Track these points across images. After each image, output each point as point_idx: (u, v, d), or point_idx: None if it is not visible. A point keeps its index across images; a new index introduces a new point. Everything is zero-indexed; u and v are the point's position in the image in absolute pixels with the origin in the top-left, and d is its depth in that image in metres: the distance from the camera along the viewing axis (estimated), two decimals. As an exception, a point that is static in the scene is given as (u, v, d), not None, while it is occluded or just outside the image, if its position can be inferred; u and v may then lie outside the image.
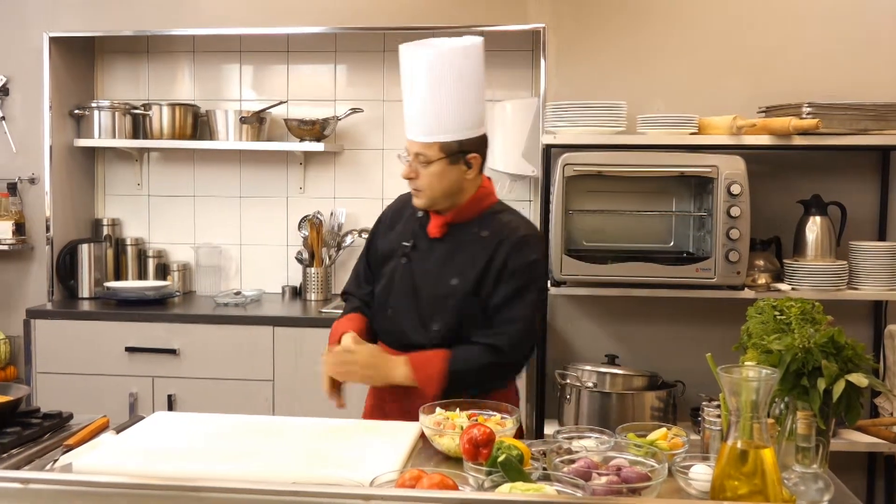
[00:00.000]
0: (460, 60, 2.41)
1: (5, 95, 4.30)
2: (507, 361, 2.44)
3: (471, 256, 2.45)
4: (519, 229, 2.49)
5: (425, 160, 2.42)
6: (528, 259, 2.45)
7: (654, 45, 3.90)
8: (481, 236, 2.46)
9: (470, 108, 2.43)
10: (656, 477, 1.72)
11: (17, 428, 2.10)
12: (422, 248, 2.51)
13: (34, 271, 4.32)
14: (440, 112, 2.39)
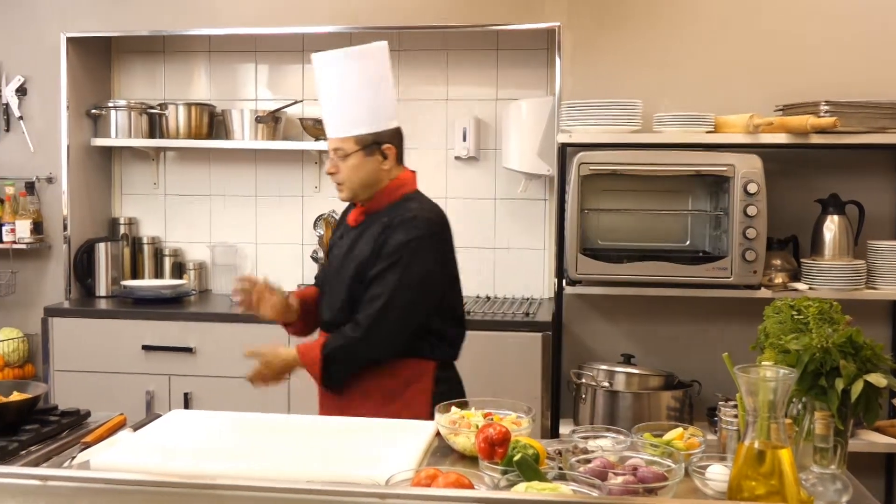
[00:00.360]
0: (367, 62, 2.62)
1: (23, 95, 4.33)
2: (364, 338, 2.53)
3: (367, 240, 2.62)
4: (411, 212, 2.61)
5: (343, 154, 2.62)
6: (400, 239, 2.56)
7: (669, 43, 3.88)
8: (383, 222, 2.61)
9: (380, 104, 2.64)
10: (673, 477, 1.72)
11: (35, 425, 2.11)
12: (343, 237, 2.73)
13: (52, 270, 4.34)
14: (353, 108, 2.61)
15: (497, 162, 4.31)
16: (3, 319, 4.34)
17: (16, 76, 4.31)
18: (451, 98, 4.35)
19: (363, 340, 2.54)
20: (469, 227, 4.36)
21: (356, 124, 2.62)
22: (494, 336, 3.73)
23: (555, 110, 3.90)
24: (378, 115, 2.64)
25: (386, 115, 2.67)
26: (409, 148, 4.35)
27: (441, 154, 4.38)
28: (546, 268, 4.30)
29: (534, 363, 3.69)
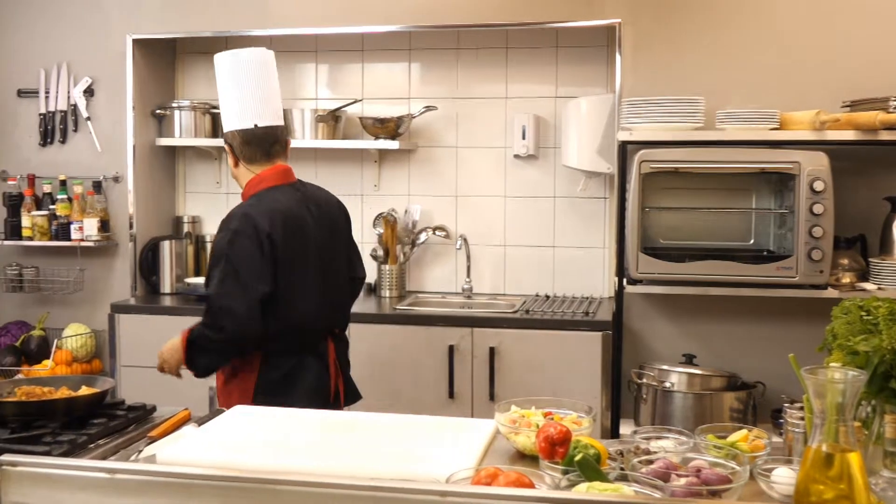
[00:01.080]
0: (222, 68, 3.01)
1: (91, 96, 4.43)
2: (206, 333, 2.72)
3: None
4: (237, 207, 2.80)
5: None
6: (218, 236, 2.76)
7: (733, 39, 3.82)
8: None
9: (225, 108, 2.93)
10: (737, 479, 1.69)
11: (103, 419, 2.15)
12: None
13: (118, 267, 4.44)
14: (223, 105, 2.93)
15: (556, 160, 4.29)
16: (71, 315, 4.45)
17: (84, 78, 4.42)
18: (510, 96, 4.34)
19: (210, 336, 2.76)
20: (528, 225, 4.35)
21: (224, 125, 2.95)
22: (554, 335, 3.71)
23: (615, 108, 3.87)
24: (224, 119, 2.96)
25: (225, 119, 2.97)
26: (468, 146, 4.38)
27: (500, 152, 4.37)
28: (606, 267, 4.27)
29: (593, 363, 3.67)
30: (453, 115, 4.40)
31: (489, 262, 4.40)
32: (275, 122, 2.91)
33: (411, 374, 3.80)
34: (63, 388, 2.27)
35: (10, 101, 4.51)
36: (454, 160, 4.41)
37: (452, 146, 4.41)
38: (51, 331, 4.38)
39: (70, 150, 4.46)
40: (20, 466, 1.57)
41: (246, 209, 2.76)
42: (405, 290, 4.36)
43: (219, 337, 2.69)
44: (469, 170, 4.40)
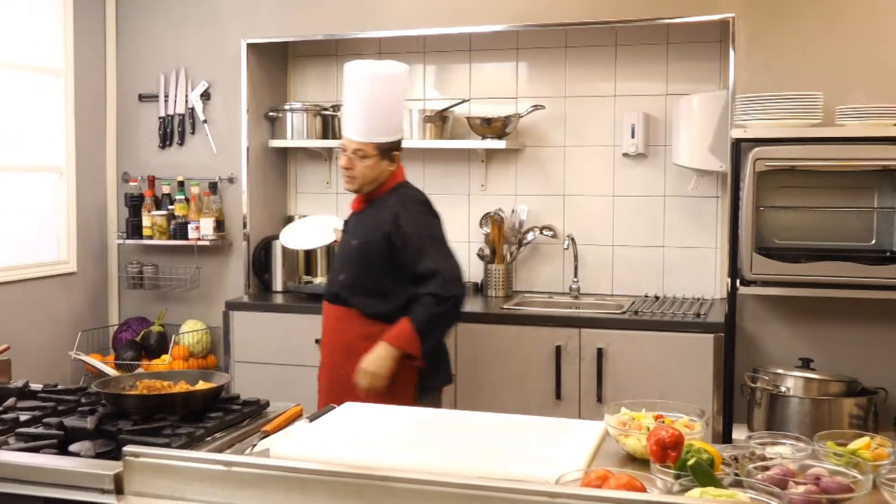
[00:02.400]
0: (394, 80, 3.15)
1: (207, 100, 4.57)
2: (449, 296, 3.01)
3: (373, 222, 3.09)
4: (407, 197, 3.16)
5: (363, 154, 3.09)
6: (420, 219, 3.12)
7: (852, 31, 3.68)
8: (383, 206, 3.10)
9: (396, 118, 3.18)
10: (860, 489, 1.62)
11: (219, 413, 2.21)
12: (350, 223, 3.26)
13: (232, 265, 4.56)
14: (378, 119, 3.10)
15: (667, 158, 4.21)
16: (188, 312, 4.60)
17: (201, 82, 4.56)
18: (619, 94, 4.29)
19: (450, 303, 3.04)
20: (637, 225, 4.29)
21: (380, 133, 3.11)
22: (663, 336, 3.65)
23: (728, 104, 3.77)
24: (394, 128, 3.16)
25: (398, 128, 3.20)
26: (576, 146, 4.34)
27: (609, 151, 4.32)
28: (718, 267, 4.17)
29: (705, 365, 3.59)
30: (561, 114, 4.37)
31: (597, 261, 4.36)
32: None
33: (518, 374, 3.79)
34: (182, 383, 2.34)
35: (132, 105, 4.69)
36: (562, 159, 4.38)
37: (560, 145, 4.38)
38: (169, 326, 4.54)
39: (187, 152, 4.61)
40: (142, 457, 1.63)
41: (422, 195, 3.24)
42: (512, 290, 4.35)
43: (454, 307, 3.05)
44: (577, 169, 4.36)
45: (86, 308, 4.60)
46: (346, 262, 3.18)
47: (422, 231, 3.10)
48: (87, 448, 1.93)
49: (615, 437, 2.04)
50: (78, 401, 2.32)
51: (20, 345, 3.51)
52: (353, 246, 3.15)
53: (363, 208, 3.20)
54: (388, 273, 3.08)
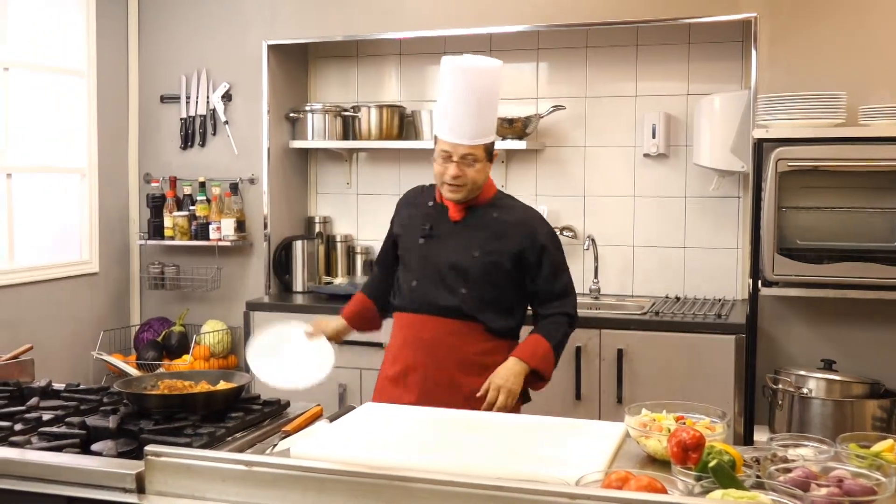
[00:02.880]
0: (494, 76, 2.84)
1: (228, 101, 4.59)
2: (575, 323, 2.92)
3: (491, 234, 2.85)
4: (528, 213, 2.95)
5: (473, 159, 2.78)
6: (553, 233, 2.93)
7: (876, 30, 3.65)
8: (494, 217, 2.87)
9: (495, 116, 2.91)
10: (883, 491, 1.61)
11: (240, 413, 2.22)
12: (442, 230, 2.90)
13: (253, 265, 4.58)
14: (484, 119, 2.80)
15: (688, 159, 4.19)
16: (208, 312, 4.62)
17: (222, 83, 4.58)
18: (640, 94, 4.27)
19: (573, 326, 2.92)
20: (658, 225, 4.27)
21: (486, 133, 2.81)
22: (684, 337, 3.63)
23: (750, 104, 3.75)
24: (494, 126, 2.90)
25: (496, 127, 2.94)
26: (597, 146, 4.33)
27: (629, 151, 4.30)
28: (739, 268, 4.14)
29: (726, 367, 3.57)
30: (581, 114, 4.36)
31: (617, 262, 4.34)
32: None
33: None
34: (203, 383, 2.35)
35: (154, 107, 4.72)
36: (582, 160, 4.37)
37: (580, 146, 4.37)
38: (190, 327, 4.56)
39: (209, 153, 4.64)
40: (164, 457, 1.64)
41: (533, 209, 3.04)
42: (532, 291, 4.34)
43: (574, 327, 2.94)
44: (597, 169, 4.35)
45: (108, 308, 4.63)
46: (463, 274, 2.84)
47: (557, 246, 2.92)
48: (110, 447, 1.94)
49: (636, 438, 2.03)
50: (100, 400, 2.33)
51: (43, 345, 3.54)
52: (474, 258, 2.84)
53: (463, 216, 2.88)
54: (512, 288, 2.87)
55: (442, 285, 2.85)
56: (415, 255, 2.93)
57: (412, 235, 2.96)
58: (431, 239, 2.91)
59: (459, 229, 2.89)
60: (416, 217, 2.98)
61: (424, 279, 2.88)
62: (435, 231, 2.90)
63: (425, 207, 2.97)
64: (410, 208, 3.04)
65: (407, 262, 2.96)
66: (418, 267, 2.91)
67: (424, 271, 2.89)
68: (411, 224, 2.98)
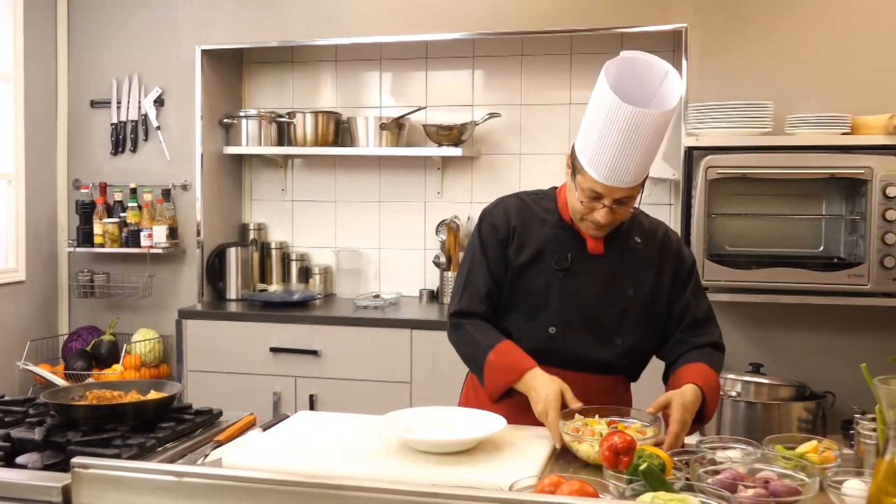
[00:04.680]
0: (672, 114, 2.22)
1: (160, 106, 4.52)
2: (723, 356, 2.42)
3: (639, 266, 2.37)
4: (661, 227, 2.46)
5: (629, 200, 2.26)
6: (690, 253, 2.47)
7: (803, 42, 3.75)
8: (636, 243, 2.38)
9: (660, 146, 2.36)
10: (807, 491, 1.65)
11: (171, 423, 2.18)
12: (582, 265, 2.34)
13: (186, 273, 4.52)
14: (650, 157, 2.23)
15: (620, 166, 4.24)
16: (140, 321, 4.54)
17: (154, 88, 4.51)
18: (574, 102, 4.32)
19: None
20: (592, 232, 4.31)
21: (648, 168, 2.26)
22: (618, 343, 3.67)
23: (681, 113, 3.82)
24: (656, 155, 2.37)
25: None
26: (532, 153, 4.37)
27: (564, 159, 4.33)
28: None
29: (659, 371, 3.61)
30: (517, 121, 4.39)
31: (552, 269, 4.37)
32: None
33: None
34: (132, 392, 2.31)
35: (84, 111, 4.63)
36: (517, 167, 4.40)
37: (516, 153, 4.40)
38: (120, 336, 4.48)
39: (140, 159, 4.56)
40: (91, 469, 1.61)
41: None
42: (468, 297, 4.35)
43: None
44: (532, 176, 4.38)
45: (35, 317, 4.52)
46: (618, 319, 2.34)
47: (694, 262, 2.45)
48: (35, 460, 1.90)
49: (568, 443, 2.05)
50: (26, 412, 2.27)
51: (-33, 355, 3.45)
52: (629, 297, 2.34)
53: (603, 250, 2.35)
54: (666, 325, 2.39)
55: (592, 334, 2.32)
56: (550, 293, 2.34)
57: (543, 265, 2.35)
58: (571, 275, 2.34)
59: (604, 263, 2.35)
60: (542, 239, 2.37)
61: (566, 325, 2.31)
62: (573, 265, 2.34)
63: (553, 228, 2.39)
64: (531, 225, 2.40)
65: (537, 300, 2.35)
66: (558, 308, 2.33)
67: (566, 314, 2.32)
68: (538, 247, 2.37)
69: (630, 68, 2.26)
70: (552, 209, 2.40)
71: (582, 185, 2.24)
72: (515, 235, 2.38)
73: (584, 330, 2.32)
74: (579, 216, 2.30)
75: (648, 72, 2.25)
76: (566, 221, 2.37)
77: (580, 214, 2.29)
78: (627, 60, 2.27)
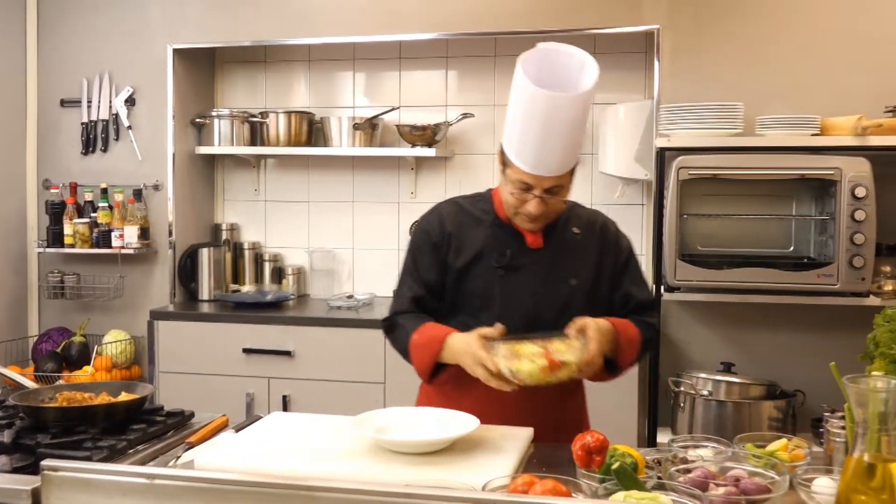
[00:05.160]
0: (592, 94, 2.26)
1: (132, 105, 4.49)
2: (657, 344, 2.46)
3: (579, 256, 2.41)
4: (599, 216, 2.53)
5: (560, 189, 2.32)
6: (629, 241, 2.53)
7: (773, 44, 3.79)
8: (575, 234, 2.43)
9: (584, 132, 2.37)
10: (777, 489, 1.67)
11: (142, 425, 2.17)
12: (522, 260, 2.37)
13: (157, 274, 4.48)
14: (575, 145, 2.29)
15: (593, 167, 4.26)
16: (111, 322, 4.50)
17: (125, 87, 4.48)
18: (546, 103, 4.33)
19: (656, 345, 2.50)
20: (565, 232, 4.33)
21: (576, 156, 2.31)
22: (591, 343, 3.68)
23: (653, 114, 3.85)
24: (583, 142, 2.42)
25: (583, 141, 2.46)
26: (504, 153, 4.37)
27: (536, 159, 4.35)
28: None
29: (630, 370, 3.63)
30: (490, 122, 4.40)
31: (526, 269, 4.39)
32: None
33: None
34: (103, 394, 2.29)
35: (54, 110, 4.58)
36: (491, 167, 4.41)
37: (489, 153, 4.41)
38: (91, 337, 4.44)
39: (111, 159, 4.52)
40: (61, 471, 1.59)
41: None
42: (441, 298, 4.36)
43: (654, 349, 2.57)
44: (505, 177, 4.39)
45: (4, 318, 4.47)
46: (563, 310, 2.32)
47: (633, 249, 2.53)
48: (4, 463, 1.88)
49: (508, 365, 2.07)
50: (-6, 414, 2.25)
51: (-66, 357, 3.40)
52: (572, 287, 2.37)
53: (542, 244, 2.39)
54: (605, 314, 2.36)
55: (537, 329, 2.29)
56: (493, 292, 2.36)
57: (482, 265, 2.37)
58: (512, 272, 2.37)
59: (543, 257, 2.38)
60: (480, 240, 2.39)
61: (511, 321, 2.27)
62: (514, 261, 2.37)
63: (490, 227, 2.41)
64: (468, 228, 2.41)
65: (480, 301, 2.37)
66: (502, 306, 2.35)
67: (510, 311, 2.34)
68: (477, 249, 2.38)
69: (546, 59, 2.28)
70: (489, 209, 2.44)
71: (511, 177, 2.29)
72: (452, 240, 2.40)
73: (530, 324, 2.32)
74: (513, 210, 2.34)
75: (565, 61, 2.28)
76: (503, 220, 2.40)
77: (513, 208, 2.33)
78: (543, 52, 2.29)
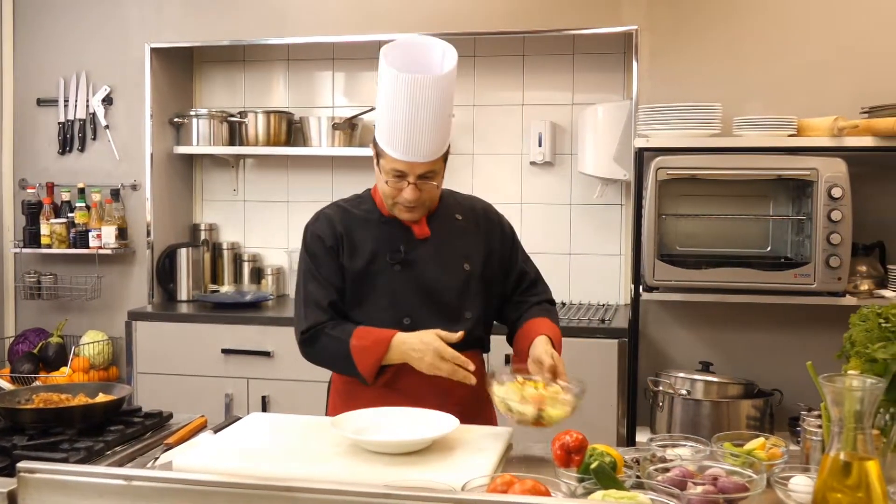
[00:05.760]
0: (453, 77, 2.35)
1: (109, 105, 4.46)
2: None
3: (467, 240, 2.49)
4: (477, 201, 2.63)
5: (433, 175, 2.37)
6: (508, 221, 2.63)
7: (750, 45, 3.81)
8: (458, 220, 2.50)
9: (451, 117, 2.43)
10: (754, 488, 1.68)
11: (120, 426, 2.16)
12: (415, 252, 2.41)
13: (135, 274, 4.46)
14: (443, 130, 2.34)
15: (573, 167, 4.28)
16: (88, 323, 4.47)
17: (102, 87, 4.45)
18: (526, 103, 4.34)
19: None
20: (544, 232, 4.34)
21: (444, 142, 2.36)
22: (570, 342, 3.65)
23: (632, 115, 3.86)
24: (451, 128, 2.43)
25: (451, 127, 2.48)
26: (484, 154, 4.38)
27: (516, 160, 4.37)
28: (622, 274, 4.25)
29: (610, 370, 3.66)
30: (469, 122, 4.40)
31: (505, 269, 4.39)
32: None
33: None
34: (80, 396, 2.28)
35: (30, 110, 4.54)
36: (470, 167, 4.41)
37: (468, 153, 4.41)
38: (68, 338, 4.41)
39: (88, 159, 4.49)
40: (38, 473, 1.58)
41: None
42: (421, 298, 4.36)
43: None
44: (485, 177, 4.40)
45: (-20, 319, 4.44)
46: (462, 295, 2.42)
47: (513, 228, 2.63)
48: (-21, 465, 1.86)
49: (509, 408, 2.09)
50: (-30, 416, 2.23)
51: None
52: (467, 272, 2.43)
53: (430, 233, 2.44)
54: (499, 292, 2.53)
55: (443, 315, 2.38)
56: (393, 288, 2.39)
57: (377, 263, 2.40)
58: (406, 266, 2.40)
59: (432, 246, 2.43)
60: (371, 240, 2.42)
61: (418, 313, 2.37)
62: (406, 255, 2.40)
63: (378, 226, 2.44)
64: (356, 229, 2.44)
65: (384, 297, 2.40)
66: (405, 299, 2.38)
67: (414, 302, 2.38)
68: (370, 249, 2.41)
69: (409, 49, 2.35)
70: (372, 209, 2.48)
71: (385, 167, 2.35)
72: (345, 242, 2.43)
73: (435, 313, 2.39)
74: (390, 200, 2.39)
75: (427, 51, 2.36)
76: (388, 216, 2.45)
77: (391, 199, 2.38)
78: (405, 43, 2.37)
